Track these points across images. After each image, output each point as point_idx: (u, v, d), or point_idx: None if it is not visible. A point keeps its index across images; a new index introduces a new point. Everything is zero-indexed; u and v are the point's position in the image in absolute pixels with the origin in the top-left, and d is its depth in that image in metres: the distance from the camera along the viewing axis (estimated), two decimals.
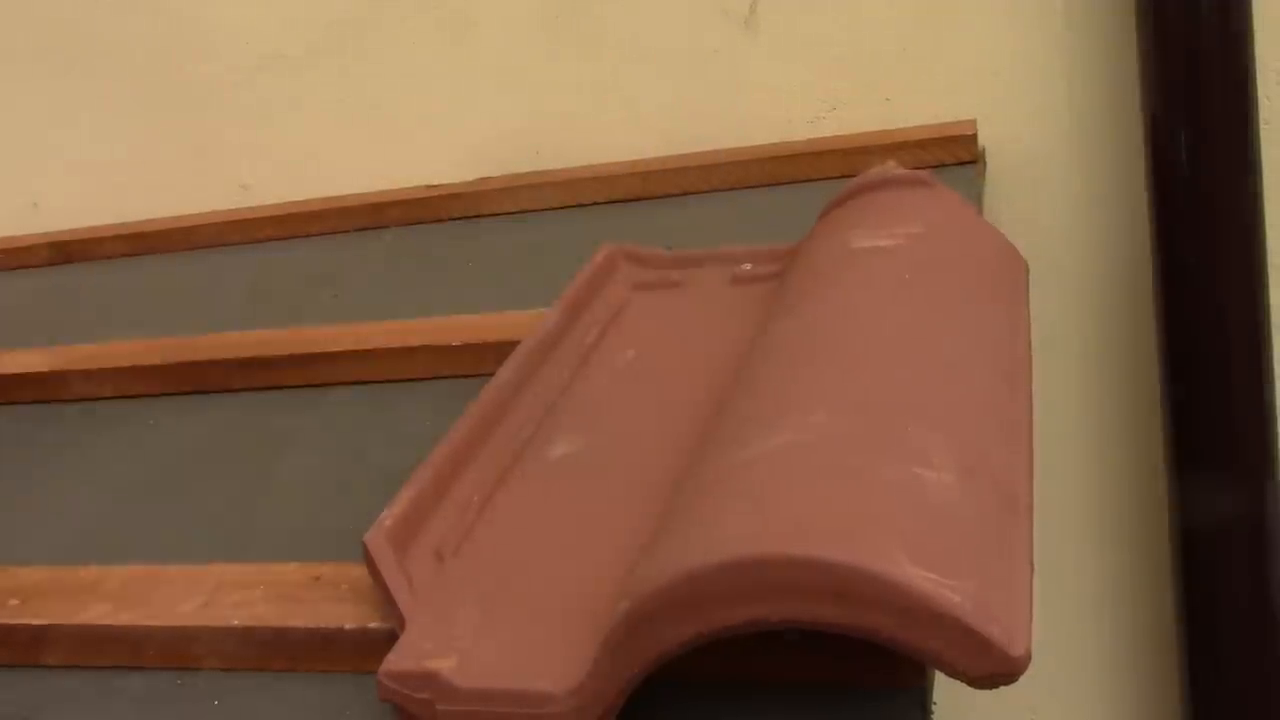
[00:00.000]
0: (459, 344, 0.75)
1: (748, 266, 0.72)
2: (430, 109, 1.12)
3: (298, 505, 0.64)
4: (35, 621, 0.53)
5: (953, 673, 0.36)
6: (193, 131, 1.18)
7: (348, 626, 0.50)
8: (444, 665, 0.43)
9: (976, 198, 0.86)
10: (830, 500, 0.39)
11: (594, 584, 0.46)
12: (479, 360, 0.73)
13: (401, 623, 0.47)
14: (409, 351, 0.77)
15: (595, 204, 1.02)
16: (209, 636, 0.51)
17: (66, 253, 1.18)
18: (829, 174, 0.95)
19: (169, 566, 0.57)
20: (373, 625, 0.49)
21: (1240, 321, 0.90)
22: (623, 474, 0.54)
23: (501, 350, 0.66)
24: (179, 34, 1.15)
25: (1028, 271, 0.62)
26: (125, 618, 0.53)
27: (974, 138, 0.93)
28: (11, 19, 1.21)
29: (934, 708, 0.44)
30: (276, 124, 1.16)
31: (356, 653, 0.49)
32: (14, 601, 0.56)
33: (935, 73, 0.99)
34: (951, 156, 0.92)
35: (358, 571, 0.50)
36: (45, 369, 0.84)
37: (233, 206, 1.18)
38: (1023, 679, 0.35)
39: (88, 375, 0.83)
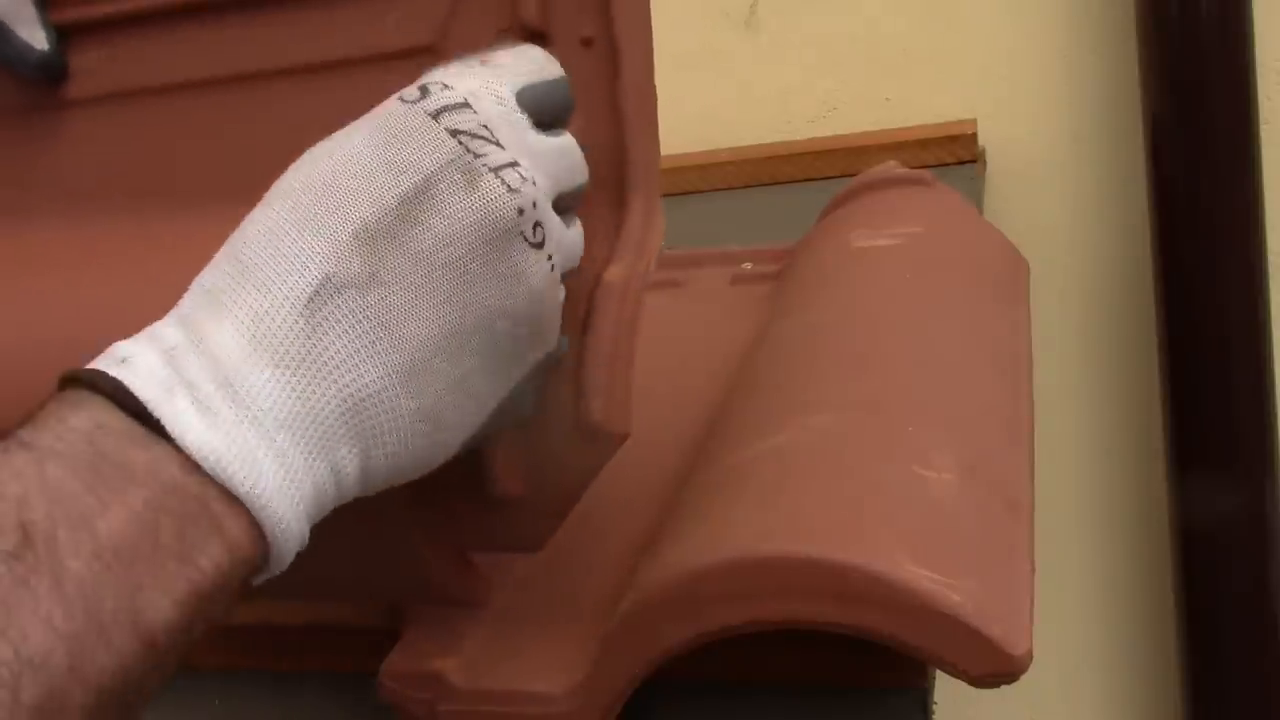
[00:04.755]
0: None
1: (748, 266, 0.72)
2: None
3: None
4: None
5: (954, 672, 0.36)
6: None
7: (349, 626, 0.50)
8: (445, 665, 0.43)
9: (977, 198, 0.86)
10: (831, 500, 0.39)
11: (595, 584, 0.46)
12: None
13: (403, 623, 0.47)
14: None
15: None
16: (209, 636, 0.51)
17: None
18: (829, 174, 0.95)
19: None
20: (374, 625, 0.49)
21: (1240, 321, 0.90)
22: (622, 474, 0.54)
23: None
24: None
25: (1028, 271, 0.62)
26: None
27: (974, 138, 0.93)
28: None
29: (935, 707, 0.44)
30: None
31: (357, 652, 0.49)
32: None
33: (935, 73, 0.99)
34: (952, 156, 0.92)
35: None
36: None
37: None
38: (1023, 678, 0.35)
39: None
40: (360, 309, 0.31)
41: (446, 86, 0.34)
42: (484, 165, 0.32)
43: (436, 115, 0.33)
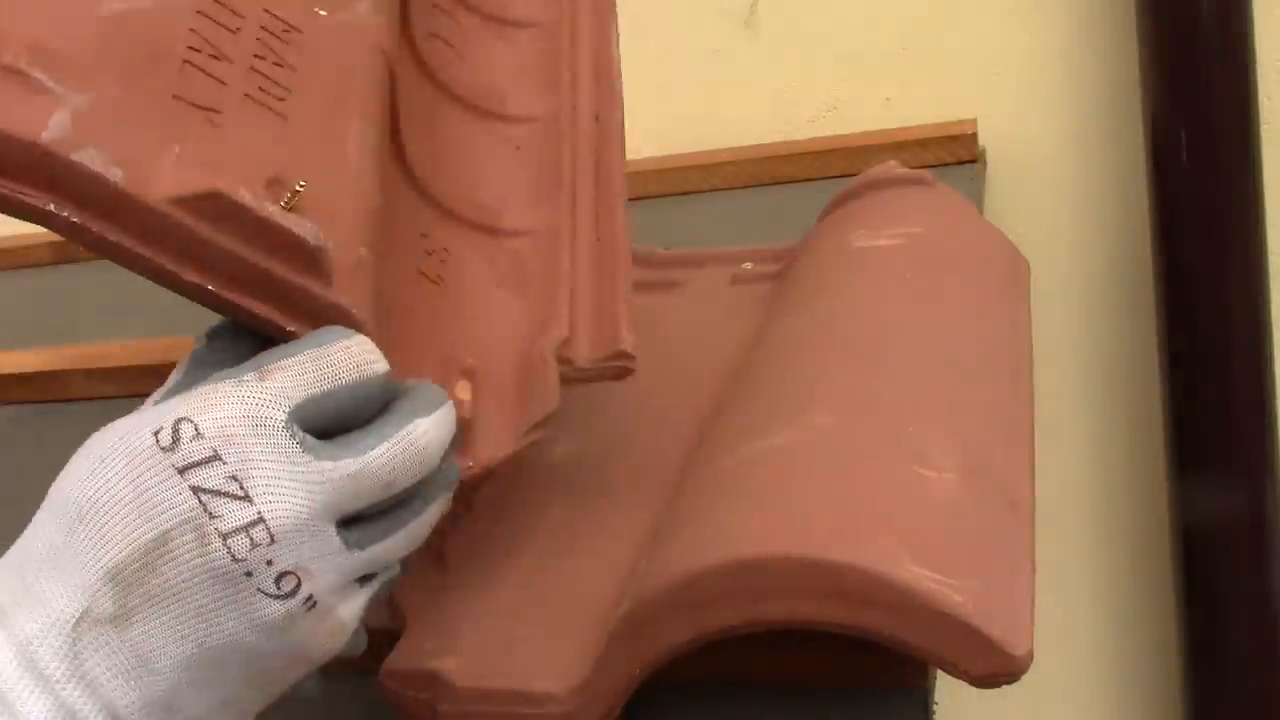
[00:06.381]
0: None
1: (748, 266, 0.72)
2: None
3: None
4: None
5: (954, 672, 0.36)
6: None
7: None
8: (445, 665, 0.43)
9: (977, 197, 0.86)
10: (831, 500, 0.39)
11: (595, 584, 0.46)
12: None
13: (403, 622, 0.47)
14: None
15: None
16: None
17: (67, 253, 1.18)
18: (829, 174, 0.95)
19: None
20: (373, 625, 0.49)
21: (1240, 321, 0.90)
22: (623, 474, 0.54)
23: None
24: None
25: (1028, 271, 0.62)
26: None
27: (974, 137, 0.93)
28: None
29: (935, 708, 0.44)
30: None
31: None
32: None
33: (935, 73, 0.99)
34: (952, 156, 0.92)
35: None
36: (45, 369, 0.84)
37: None
38: (1023, 678, 0.35)
39: (88, 375, 0.83)
40: (117, 642, 0.33)
41: (198, 434, 0.34)
42: (215, 530, 0.34)
43: (182, 470, 0.34)
